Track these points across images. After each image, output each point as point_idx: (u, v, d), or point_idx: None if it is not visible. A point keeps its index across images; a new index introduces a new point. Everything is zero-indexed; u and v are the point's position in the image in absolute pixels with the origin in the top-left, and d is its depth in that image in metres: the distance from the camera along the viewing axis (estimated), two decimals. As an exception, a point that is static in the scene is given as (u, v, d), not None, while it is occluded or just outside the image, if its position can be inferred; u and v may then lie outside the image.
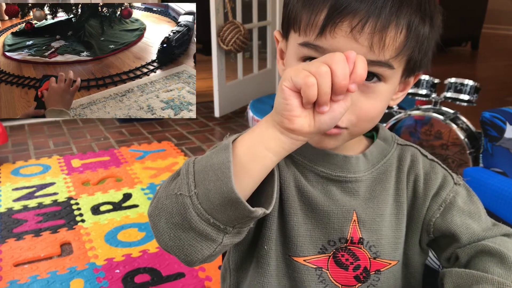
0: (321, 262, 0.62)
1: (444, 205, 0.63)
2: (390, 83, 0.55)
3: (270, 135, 0.48)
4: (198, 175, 0.48)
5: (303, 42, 0.54)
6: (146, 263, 1.44)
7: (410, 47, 0.53)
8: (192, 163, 0.50)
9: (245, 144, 0.49)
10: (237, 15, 2.97)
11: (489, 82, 3.32)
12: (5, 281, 1.35)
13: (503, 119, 1.55)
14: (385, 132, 0.67)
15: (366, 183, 0.63)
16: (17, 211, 1.77)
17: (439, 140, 1.87)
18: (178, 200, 0.49)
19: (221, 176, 0.46)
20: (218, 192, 0.47)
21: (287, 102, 0.46)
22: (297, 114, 0.46)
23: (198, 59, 1.96)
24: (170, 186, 0.51)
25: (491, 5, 5.55)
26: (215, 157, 0.48)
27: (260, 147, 0.48)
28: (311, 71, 0.44)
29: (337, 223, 0.61)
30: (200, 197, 0.48)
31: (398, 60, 0.53)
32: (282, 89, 0.46)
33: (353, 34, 0.50)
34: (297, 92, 0.46)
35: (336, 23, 0.50)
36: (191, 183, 0.48)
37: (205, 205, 0.48)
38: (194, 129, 2.84)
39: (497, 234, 0.62)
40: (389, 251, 0.63)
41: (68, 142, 2.57)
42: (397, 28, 0.51)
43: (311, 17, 0.52)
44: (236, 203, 0.46)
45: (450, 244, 0.63)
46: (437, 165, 0.66)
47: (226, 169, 0.46)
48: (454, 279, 0.57)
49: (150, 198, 1.88)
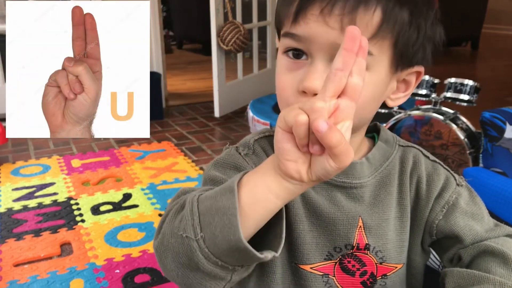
0: (328, 269, 0.62)
1: (447, 206, 0.63)
2: (374, 72, 0.54)
3: (273, 177, 0.45)
4: (203, 217, 0.46)
5: (282, 33, 0.56)
6: (146, 263, 1.44)
7: (387, 32, 0.52)
8: (196, 201, 0.48)
9: (248, 186, 0.46)
10: (237, 15, 2.97)
11: (489, 82, 3.32)
12: (5, 281, 1.35)
13: (503, 119, 1.55)
14: (386, 133, 0.67)
15: (371, 188, 0.62)
16: (17, 211, 1.77)
17: (439, 140, 1.87)
18: (184, 242, 0.47)
19: (227, 223, 0.44)
20: (225, 240, 0.44)
21: (280, 145, 0.42)
22: (291, 158, 0.42)
23: (198, 59, 1.96)
24: (174, 222, 0.49)
25: (491, 5, 5.55)
26: (220, 200, 0.46)
27: (263, 190, 0.45)
28: (305, 108, 0.40)
29: (343, 230, 0.61)
30: (206, 241, 0.45)
31: (375, 46, 0.52)
32: (277, 130, 0.42)
33: (323, 17, 0.51)
34: (290, 133, 0.41)
35: (306, 7, 0.52)
36: (196, 225, 0.46)
37: (212, 249, 0.45)
38: (194, 129, 2.84)
39: (500, 234, 0.62)
40: (395, 255, 0.63)
41: (68, 142, 2.57)
42: (368, 9, 0.51)
43: (287, 8, 0.55)
44: (245, 251, 0.44)
45: (453, 245, 0.63)
46: (440, 166, 0.66)
47: (232, 216, 0.44)
48: (456, 279, 0.57)
49: (150, 198, 1.88)
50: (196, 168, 2.21)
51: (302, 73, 0.55)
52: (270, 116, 2.50)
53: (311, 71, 0.53)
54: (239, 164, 0.60)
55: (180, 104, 3.39)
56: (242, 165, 0.60)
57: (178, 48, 5.97)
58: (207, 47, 4.33)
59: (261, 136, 0.65)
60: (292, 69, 0.56)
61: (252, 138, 0.64)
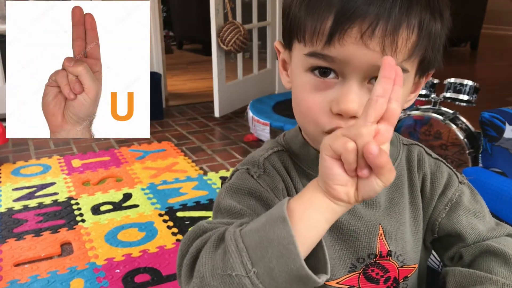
0: (353, 281, 0.61)
1: (450, 204, 0.63)
2: (405, 87, 0.54)
3: (321, 202, 0.46)
4: (253, 252, 0.45)
5: (309, 52, 0.52)
6: (146, 263, 1.44)
7: (423, 47, 0.51)
8: (240, 237, 0.46)
9: (298, 213, 0.46)
10: (237, 16, 2.97)
11: (488, 82, 3.32)
12: (5, 281, 1.35)
13: (502, 119, 1.55)
14: None
15: (385, 192, 0.63)
16: (17, 211, 1.77)
17: (439, 140, 1.87)
18: (233, 281, 0.45)
19: (285, 253, 0.43)
20: (284, 270, 0.44)
21: (329, 171, 0.44)
22: (341, 183, 0.44)
23: (198, 59, 1.97)
24: (213, 262, 0.47)
25: (490, 5, 5.54)
26: (271, 231, 0.45)
27: (315, 215, 0.46)
28: (350, 135, 0.42)
29: (364, 240, 0.61)
30: (260, 276, 0.44)
31: (411, 62, 0.52)
32: (323, 158, 0.44)
33: (363, 40, 0.48)
34: (338, 160, 0.43)
35: (345, 29, 0.48)
36: (246, 262, 0.44)
37: (267, 283, 0.45)
38: (194, 129, 2.84)
39: (501, 234, 0.62)
40: (413, 256, 0.64)
41: (69, 142, 2.57)
42: (409, 28, 0.49)
43: (317, 25, 0.50)
44: (306, 278, 0.44)
45: (455, 243, 0.63)
46: (442, 164, 0.66)
47: (291, 245, 0.43)
48: (458, 278, 0.57)
49: (150, 198, 1.88)
50: (196, 168, 2.21)
51: (333, 93, 0.52)
52: (270, 116, 2.50)
53: (346, 93, 0.51)
54: (253, 189, 0.58)
55: (180, 104, 3.39)
56: (256, 190, 0.58)
57: (178, 48, 5.98)
58: (207, 48, 4.34)
59: (270, 153, 0.63)
60: (320, 89, 0.53)
61: (262, 156, 0.62)
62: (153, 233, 1.62)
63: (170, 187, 1.99)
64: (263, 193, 0.58)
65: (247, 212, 0.55)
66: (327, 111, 0.53)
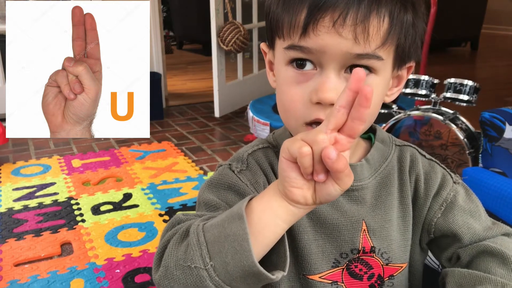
0: (336, 276, 0.62)
1: (445, 204, 0.63)
2: (382, 75, 0.55)
3: (279, 203, 0.47)
4: (212, 246, 0.47)
5: (287, 45, 0.54)
6: (146, 263, 1.44)
7: (395, 35, 0.53)
8: (202, 231, 0.48)
9: (256, 212, 0.48)
10: (237, 16, 2.97)
11: (488, 82, 3.32)
12: (5, 281, 1.35)
13: (503, 119, 1.55)
14: (382, 133, 0.67)
15: (371, 189, 0.63)
16: (17, 211, 1.78)
17: (439, 140, 1.87)
18: (192, 272, 0.47)
19: (239, 250, 0.45)
20: (238, 266, 0.45)
21: (285, 174, 0.45)
22: (297, 185, 0.45)
23: (198, 59, 1.97)
24: (178, 253, 0.49)
25: (490, 5, 5.54)
26: (229, 227, 0.47)
27: (271, 216, 0.47)
28: (307, 140, 0.43)
29: (347, 235, 0.61)
30: (217, 269, 0.46)
31: (385, 50, 0.53)
32: (281, 160, 0.45)
33: (335, 28, 0.50)
34: (295, 163, 0.44)
35: (318, 20, 0.50)
36: (205, 255, 0.47)
37: (223, 277, 0.46)
38: (194, 129, 2.84)
39: (498, 233, 0.63)
40: (399, 255, 0.64)
41: (69, 142, 2.57)
42: (379, 16, 0.51)
43: (292, 18, 0.52)
44: (258, 275, 0.46)
45: (452, 244, 0.63)
46: (436, 165, 0.66)
47: (244, 242, 0.45)
48: (457, 278, 0.57)
49: (150, 198, 1.88)
50: (196, 168, 2.21)
51: (312, 84, 0.54)
52: (270, 116, 2.50)
53: (324, 82, 0.53)
54: (233, 184, 0.60)
55: (180, 104, 3.39)
56: (236, 184, 0.60)
57: (178, 48, 5.98)
58: (207, 48, 4.34)
59: (255, 149, 0.65)
60: (300, 81, 0.55)
61: (246, 152, 0.64)
62: (153, 233, 1.62)
63: (170, 187, 2.00)
64: (242, 187, 0.59)
65: (222, 205, 0.58)
66: (307, 102, 0.54)
